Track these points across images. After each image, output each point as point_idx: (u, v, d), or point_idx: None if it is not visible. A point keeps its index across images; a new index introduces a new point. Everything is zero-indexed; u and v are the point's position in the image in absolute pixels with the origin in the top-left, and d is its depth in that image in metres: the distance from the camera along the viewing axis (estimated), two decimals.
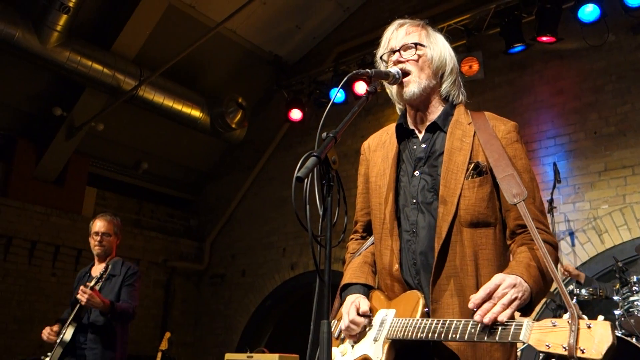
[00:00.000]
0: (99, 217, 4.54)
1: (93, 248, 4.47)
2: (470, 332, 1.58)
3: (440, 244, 1.82)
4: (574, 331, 1.40)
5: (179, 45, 6.97)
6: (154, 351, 6.22)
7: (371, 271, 2.08)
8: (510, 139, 1.90)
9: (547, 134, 6.40)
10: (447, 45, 2.07)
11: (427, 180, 1.93)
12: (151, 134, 8.74)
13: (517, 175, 1.77)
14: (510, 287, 1.61)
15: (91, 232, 4.49)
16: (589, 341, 1.37)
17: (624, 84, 6.03)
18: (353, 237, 2.26)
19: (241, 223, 9.29)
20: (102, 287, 4.27)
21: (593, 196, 5.97)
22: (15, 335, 7.23)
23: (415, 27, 2.06)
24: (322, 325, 1.49)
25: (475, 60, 6.39)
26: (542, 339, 1.44)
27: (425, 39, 2.02)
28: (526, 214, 1.70)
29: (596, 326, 1.39)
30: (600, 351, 1.35)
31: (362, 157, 2.22)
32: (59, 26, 6.62)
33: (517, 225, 1.84)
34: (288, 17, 8.35)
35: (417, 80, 1.97)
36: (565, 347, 1.39)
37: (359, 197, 2.22)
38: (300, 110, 7.97)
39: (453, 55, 2.06)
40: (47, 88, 7.61)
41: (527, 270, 1.67)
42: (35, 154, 7.78)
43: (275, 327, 8.93)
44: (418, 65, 1.98)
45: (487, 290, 1.61)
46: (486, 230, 1.85)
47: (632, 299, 4.28)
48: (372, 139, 2.21)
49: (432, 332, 1.66)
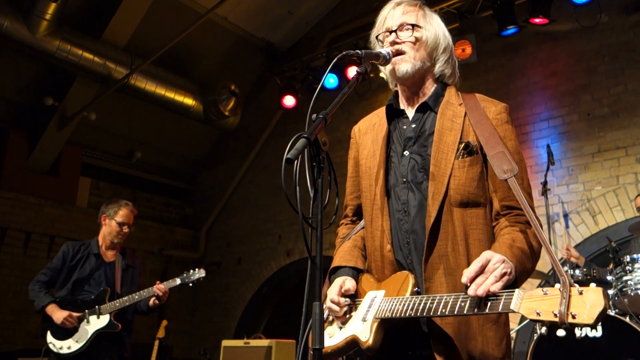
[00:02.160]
0: (124, 207, 4.44)
1: (115, 236, 4.37)
2: (460, 305, 1.57)
3: (432, 223, 1.82)
4: (565, 298, 1.38)
5: (170, 32, 6.90)
6: (151, 339, 6.22)
7: (361, 255, 2.07)
8: (501, 120, 1.90)
9: (540, 116, 6.40)
10: (442, 25, 2.05)
11: (416, 160, 1.93)
12: (144, 122, 8.69)
13: (508, 153, 1.77)
14: (501, 262, 1.61)
15: (116, 221, 4.38)
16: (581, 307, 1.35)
17: (617, 65, 6.03)
18: (343, 222, 2.25)
19: (236, 211, 9.29)
20: (124, 277, 4.38)
21: (587, 178, 5.98)
22: (12, 326, 7.24)
23: (412, 7, 2.04)
24: (314, 307, 1.49)
25: (468, 44, 6.35)
26: (533, 307, 1.43)
27: (422, 19, 2.01)
28: (517, 188, 1.69)
29: (588, 292, 1.37)
30: (591, 316, 1.33)
31: (352, 141, 2.21)
32: (48, 15, 6.55)
33: (502, 206, 1.84)
34: (280, 3, 8.28)
35: (411, 60, 1.96)
36: (556, 314, 1.37)
37: (349, 181, 2.21)
38: (293, 97, 7.93)
39: (448, 36, 2.05)
40: (37, 78, 7.55)
41: (510, 251, 1.67)
42: (28, 144, 7.74)
43: (271, 314, 8.97)
44: (415, 47, 1.97)
45: (479, 264, 1.60)
46: (476, 210, 1.84)
47: (625, 278, 4.32)
48: (363, 123, 2.20)
49: (422, 309, 1.65)
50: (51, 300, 4.17)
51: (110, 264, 4.40)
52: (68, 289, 4.26)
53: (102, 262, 4.38)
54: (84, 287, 4.28)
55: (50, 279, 4.30)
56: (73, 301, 4.22)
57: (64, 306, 4.18)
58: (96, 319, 4.16)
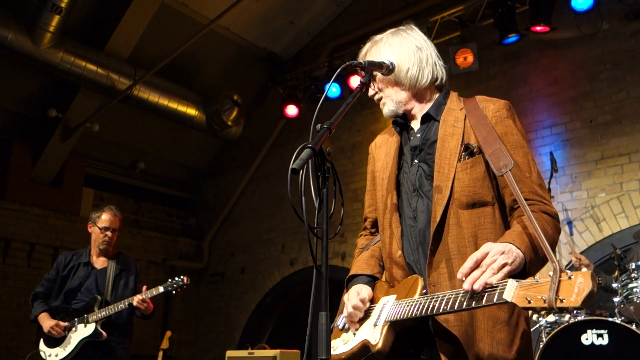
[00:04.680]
0: (107, 211, 4.47)
1: (100, 243, 4.42)
2: (460, 301, 1.59)
3: (435, 227, 1.84)
4: (555, 283, 1.39)
5: (173, 43, 6.94)
6: (155, 350, 6.22)
7: (378, 264, 2.12)
8: (500, 117, 1.91)
9: (543, 124, 6.40)
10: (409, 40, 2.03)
11: (424, 168, 1.97)
12: (147, 133, 8.72)
13: (505, 149, 1.79)
14: (499, 254, 1.59)
15: (99, 226, 4.42)
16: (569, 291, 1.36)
17: (619, 72, 6.03)
18: (362, 233, 2.30)
19: (239, 220, 9.29)
20: (115, 283, 4.37)
21: (590, 185, 5.98)
22: (16, 338, 7.23)
23: (369, 44, 2.10)
24: (320, 317, 1.49)
25: (470, 52, 6.38)
26: (524, 294, 1.44)
27: (375, 53, 2.03)
28: (512, 182, 1.70)
29: (577, 276, 1.38)
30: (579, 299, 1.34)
31: (370, 156, 2.27)
32: (51, 27, 6.59)
33: (512, 200, 1.83)
34: (282, 13, 8.33)
35: (388, 97, 2.04)
36: (545, 299, 1.39)
37: (367, 194, 2.27)
38: (296, 106, 7.95)
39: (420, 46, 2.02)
40: (41, 89, 7.59)
41: (519, 237, 1.66)
42: (32, 156, 7.76)
43: (276, 324, 8.94)
44: (383, 84, 2.04)
45: (474, 259, 1.59)
46: (484, 209, 1.86)
47: (630, 285, 4.30)
48: (379, 138, 2.26)
49: (425, 308, 1.68)
50: (43, 310, 4.30)
51: (101, 271, 4.42)
52: (61, 299, 4.35)
53: (93, 269, 4.42)
54: (75, 296, 4.35)
55: (46, 290, 4.42)
56: (65, 309, 4.31)
57: (55, 315, 4.29)
58: (83, 328, 4.22)
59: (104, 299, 4.29)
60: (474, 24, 6.62)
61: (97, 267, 4.44)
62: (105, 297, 4.30)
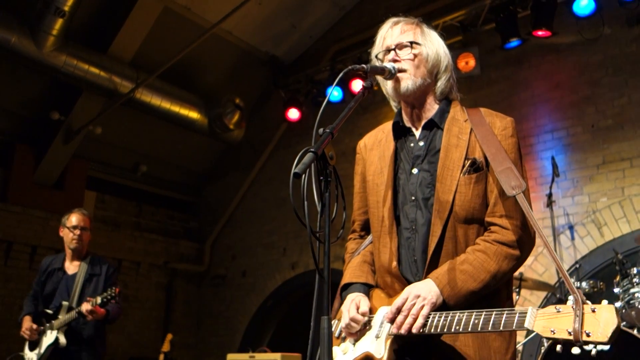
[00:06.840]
0: (75, 212, 4.52)
1: (70, 242, 4.44)
2: (474, 323, 1.59)
3: (435, 242, 1.84)
4: (579, 316, 1.40)
5: (175, 47, 6.96)
6: (156, 353, 6.23)
7: (370, 270, 2.08)
8: (506, 135, 1.91)
9: (544, 128, 6.40)
10: (441, 42, 2.06)
11: (425, 176, 1.94)
12: (149, 136, 8.73)
13: (516, 169, 1.78)
14: (415, 298, 1.73)
15: (68, 226, 4.44)
16: (595, 325, 1.37)
17: (620, 77, 6.03)
18: (351, 236, 2.27)
19: (241, 224, 9.29)
20: (84, 288, 4.36)
21: (592, 189, 5.97)
22: (18, 340, 7.22)
23: (410, 25, 2.05)
24: (322, 322, 1.49)
25: (472, 56, 6.38)
26: (547, 325, 1.45)
27: (420, 37, 2.02)
28: (524, 203, 1.71)
29: (601, 310, 1.38)
30: (606, 334, 1.35)
31: (359, 156, 2.22)
32: (55, 30, 6.61)
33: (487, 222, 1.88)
34: (284, 17, 8.34)
35: (412, 77, 1.96)
36: (571, 332, 1.39)
37: (356, 197, 2.23)
38: (297, 110, 7.96)
39: (447, 53, 2.06)
40: (44, 92, 7.60)
41: (446, 274, 1.76)
42: (34, 158, 7.77)
43: (277, 327, 8.93)
44: (414, 64, 1.98)
45: (396, 305, 1.75)
46: (477, 227, 1.87)
47: (632, 290, 4.28)
48: (368, 138, 2.21)
49: (435, 326, 1.67)
50: (27, 313, 4.44)
51: (71, 277, 4.42)
52: (42, 304, 4.44)
53: (64, 275, 4.44)
54: (51, 301, 4.39)
55: (35, 293, 4.53)
56: (44, 314, 4.37)
57: (36, 319, 4.38)
58: (50, 334, 4.24)
59: (70, 305, 4.28)
60: (475, 28, 6.63)
61: (69, 272, 4.45)
62: (71, 304, 4.29)
